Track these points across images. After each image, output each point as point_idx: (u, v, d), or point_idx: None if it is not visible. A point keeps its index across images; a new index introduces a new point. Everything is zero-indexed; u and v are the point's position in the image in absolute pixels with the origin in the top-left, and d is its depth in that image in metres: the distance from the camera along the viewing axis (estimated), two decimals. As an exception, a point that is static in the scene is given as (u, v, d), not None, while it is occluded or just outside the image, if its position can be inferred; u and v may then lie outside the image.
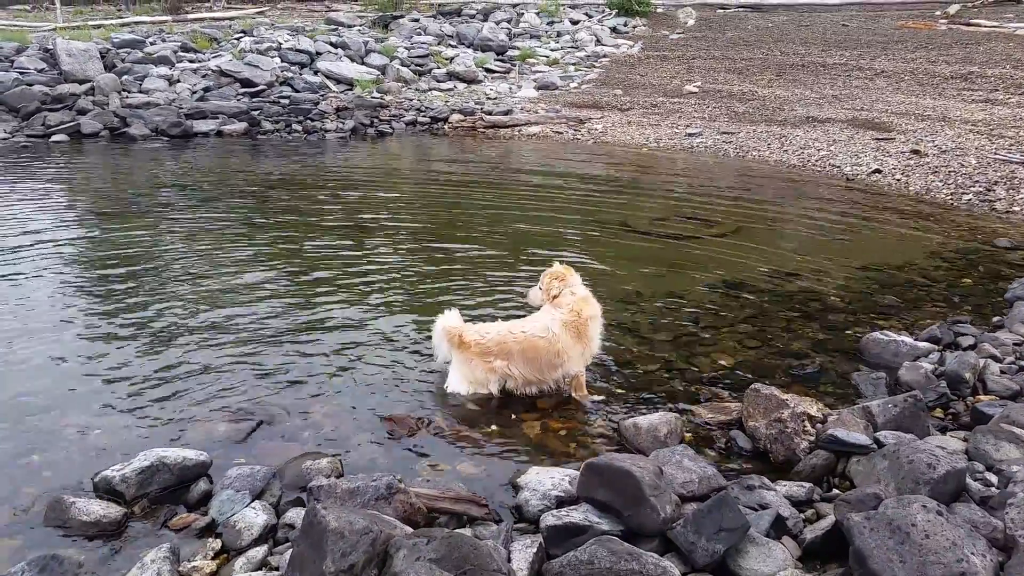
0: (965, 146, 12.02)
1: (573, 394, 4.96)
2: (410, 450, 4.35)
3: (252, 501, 3.68)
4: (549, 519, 3.37)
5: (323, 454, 4.14)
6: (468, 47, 23.05)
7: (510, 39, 24.16)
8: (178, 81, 17.52)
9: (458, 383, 4.91)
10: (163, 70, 17.79)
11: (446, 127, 16.06)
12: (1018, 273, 7.11)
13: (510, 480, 3.96)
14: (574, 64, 22.10)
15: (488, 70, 21.13)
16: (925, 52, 20.54)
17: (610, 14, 28.35)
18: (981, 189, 10.12)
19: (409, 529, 3.20)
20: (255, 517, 3.55)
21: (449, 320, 4.96)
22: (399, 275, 7.28)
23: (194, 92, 17.00)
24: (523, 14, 27.07)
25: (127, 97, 16.45)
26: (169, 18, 26.37)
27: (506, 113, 16.35)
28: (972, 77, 17.59)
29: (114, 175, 12.09)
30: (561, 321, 4.86)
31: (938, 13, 25.77)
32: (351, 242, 8.33)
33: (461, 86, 19.78)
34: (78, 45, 17.37)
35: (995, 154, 11.43)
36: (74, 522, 3.54)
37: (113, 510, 3.62)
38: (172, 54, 18.75)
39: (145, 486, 3.76)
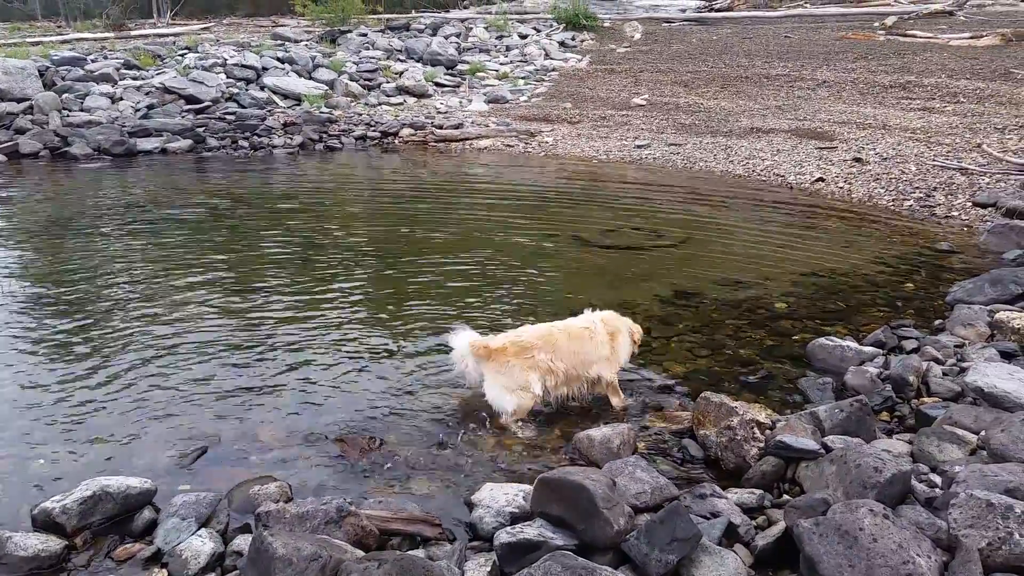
0: (905, 153, 12.35)
1: (612, 400, 5.03)
2: (362, 471, 4.29)
3: (199, 529, 3.60)
4: (503, 536, 3.34)
5: (272, 478, 4.06)
6: (417, 61, 23.02)
7: (459, 53, 24.19)
8: (121, 99, 17.15)
9: (500, 397, 4.71)
10: (105, 88, 17.40)
11: (397, 141, 15.99)
12: (958, 276, 7.30)
13: (464, 498, 3.92)
14: (523, 78, 22.21)
15: (438, 84, 21.12)
16: (865, 62, 21.09)
17: (558, 28, 28.56)
18: (921, 195, 10.40)
19: (360, 553, 3.15)
20: (202, 545, 3.47)
21: (469, 335, 4.79)
22: (348, 292, 7.20)
23: (137, 110, 16.66)
24: (472, 28, 27.13)
25: (68, 116, 16.04)
26: (111, 35, 25.82)
27: (457, 127, 16.35)
28: (910, 86, 18.10)
29: (55, 195, 11.76)
30: (601, 319, 5.07)
31: (876, 24, 26.49)
32: (299, 260, 8.22)
33: (411, 100, 19.74)
34: (15, 63, 16.89)
35: (933, 161, 11.76)
36: (11, 558, 3.40)
37: (53, 543, 3.49)
38: (114, 71, 18.35)
39: (87, 517, 3.63)
